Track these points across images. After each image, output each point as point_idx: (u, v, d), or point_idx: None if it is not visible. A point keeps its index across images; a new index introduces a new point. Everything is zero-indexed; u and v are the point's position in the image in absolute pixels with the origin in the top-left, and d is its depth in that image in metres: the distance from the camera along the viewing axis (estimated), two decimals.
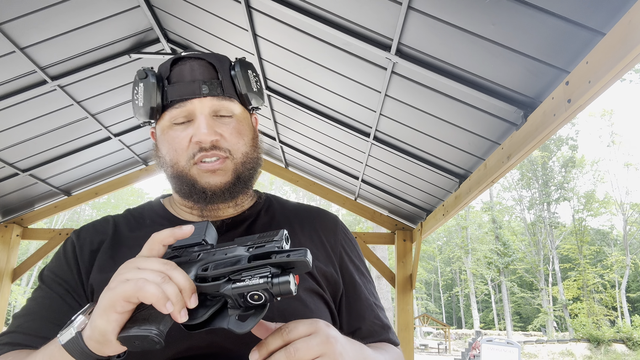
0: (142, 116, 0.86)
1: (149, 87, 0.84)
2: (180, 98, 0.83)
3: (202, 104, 0.83)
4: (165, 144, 0.85)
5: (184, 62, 0.85)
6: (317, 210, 0.99)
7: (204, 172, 0.83)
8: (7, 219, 4.69)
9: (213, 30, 3.02)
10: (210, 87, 0.83)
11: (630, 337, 20.79)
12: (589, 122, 50.35)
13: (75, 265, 0.84)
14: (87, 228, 0.91)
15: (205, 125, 0.81)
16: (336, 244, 0.92)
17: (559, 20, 1.55)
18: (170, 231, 0.62)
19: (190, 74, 0.84)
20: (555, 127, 1.80)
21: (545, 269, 30.61)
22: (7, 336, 0.79)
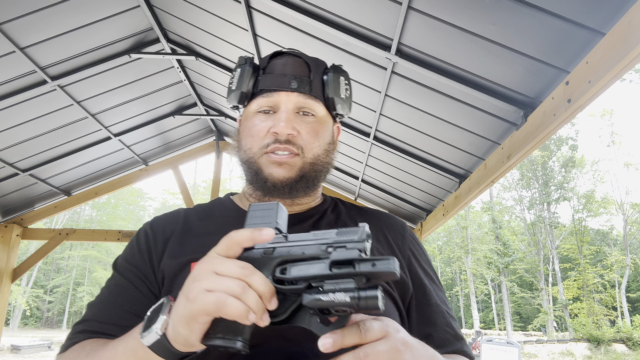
0: (232, 99, 0.90)
1: (245, 73, 0.88)
2: (268, 88, 0.86)
3: (288, 98, 0.85)
4: (246, 129, 0.88)
5: (281, 57, 0.89)
6: (385, 213, 0.98)
7: (270, 163, 0.84)
8: (7, 219, 4.68)
9: (213, 30, 3.02)
10: (299, 84, 0.85)
11: (630, 337, 20.78)
12: (589, 122, 50.37)
13: (147, 253, 0.85)
14: (160, 219, 0.93)
15: (285, 118, 0.83)
16: (404, 247, 0.91)
17: (559, 20, 1.55)
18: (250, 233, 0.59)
19: (284, 68, 0.87)
20: (555, 127, 1.80)
21: (545, 269, 30.61)
22: (82, 324, 0.81)
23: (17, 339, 19.83)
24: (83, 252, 31.02)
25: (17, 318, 27.64)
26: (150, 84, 3.75)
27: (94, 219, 34.26)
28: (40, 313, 31.44)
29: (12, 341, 17.69)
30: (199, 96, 4.30)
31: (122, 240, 5.00)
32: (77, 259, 31.52)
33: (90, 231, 5.08)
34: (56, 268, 32.79)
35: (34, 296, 29.88)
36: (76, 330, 0.81)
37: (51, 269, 32.55)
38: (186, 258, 0.81)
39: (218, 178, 5.22)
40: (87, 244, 31.42)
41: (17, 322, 27.76)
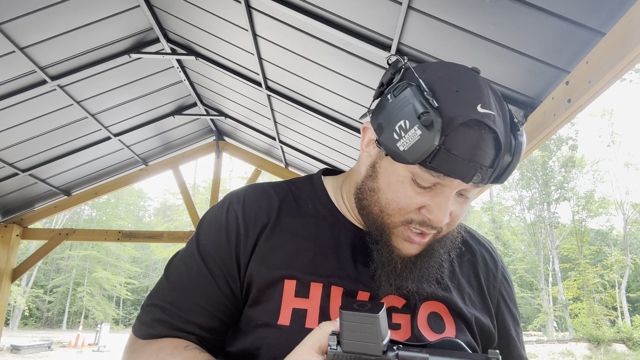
0: (388, 150, 0.68)
1: (425, 144, 0.63)
2: (445, 173, 0.65)
3: (460, 186, 0.68)
4: (393, 190, 0.71)
5: (474, 125, 0.64)
6: (480, 242, 0.89)
7: (405, 241, 0.73)
8: (7, 219, 4.68)
9: (213, 30, 3.02)
10: (482, 177, 0.66)
11: (630, 337, 20.78)
12: (589, 122, 50.38)
13: (235, 247, 0.77)
14: (251, 201, 0.81)
15: (447, 211, 0.69)
16: (495, 290, 0.84)
17: (559, 20, 1.55)
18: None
19: (473, 152, 0.64)
20: (555, 127, 1.80)
21: (545, 269, 30.61)
22: (161, 310, 0.75)
23: (17, 339, 19.84)
24: (83, 252, 31.03)
25: (17, 318, 27.65)
26: (150, 84, 3.75)
27: (94, 219, 34.27)
28: (40, 313, 31.45)
29: (12, 341, 17.69)
30: (198, 96, 4.30)
31: (122, 240, 5.00)
32: (77, 259, 31.53)
33: (90, 231, 5.08)
34: (56, 268, 32.80)
35: (34, 296, 29.89)
36: (155, 316, 0.75)
37: (51, 269, 32.57)
38: (279, 273, 0.74)
39: (218, 178, 5.22)
40: (87, 244, 31.43)
41: (17, 322, 27.77)
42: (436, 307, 0.77)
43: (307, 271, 0.75)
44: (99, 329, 19.18)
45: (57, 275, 32.43)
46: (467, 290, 0.81)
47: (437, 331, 0.74)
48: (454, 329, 0.76)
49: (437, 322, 0.75)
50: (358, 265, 0.77)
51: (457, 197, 0.71)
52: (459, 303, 0.78)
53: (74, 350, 17.89)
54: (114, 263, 31.75)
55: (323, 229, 0.80)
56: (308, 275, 0.74)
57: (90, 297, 29.80)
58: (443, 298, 0.77)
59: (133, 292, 33.46)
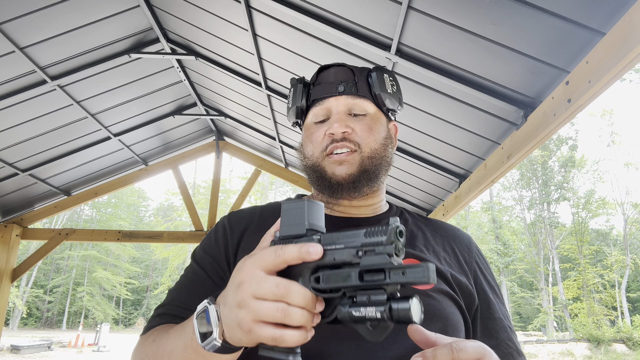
0: (291, 116, 0.97)
1: (297, 90, 0.96)
2: (319, 97, 0.93)
3: (338, 102, 0.91)
4: (307, 139, 0.94)
5: (328, 69, 0.96)
6: (451, 226, 1.02)
7: (332, 163, 0.89)
8: (7, 219, 4.68)
9: (213, 30, 3.02)
10: (346, 87, 0.92)
11: (630, 337, 20.78)
12: (589, 122, 50.37)
13: (224, 244, 0.91)
14: (237, 213, 0.98)
15: (337, 119, 0.90)
16: (471, 259, 0.94)
17: (559, 20, 1.55)
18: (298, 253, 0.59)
19: (330, 77, 0.94)
20: (555, 127, 1.80)
21: (545, 269, 30.61)
22: (162, 308, 0.88)
23: (16, 339, 19.84)
24: (83, 252, 31.02)
25: (16, 318, 27.64)
26: (150, 83, 3.75)
27: (94, 219, 34.27)
28: (40, 313, 31.44)
29: (11, 341, 17.69)
30: (198, 96, 4.30)
31: (122, 240, 5.00)
32: (76, 259, 31.53)
33: (90, 231, 5.08)
34: (56, 268, 32.79)
35: (34, 296, 29.89)
36: (156, 314, 0.88)
37: (51, 269, 32.56)
38: None
39: (218, 178, 5.22)
40: (86, 244, 31.42)
41: (17, 322, 27.76)
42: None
43: None
44: (98, 329, 19.17)
45: (57, 275, 32.43)
46: (443, 255, 0.91)
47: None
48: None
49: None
50: None
51: (355, 117, 0.92)
52: (433, 260, 0.87)
53: (74, 350, 17.89)
54: (114, 263, 31.74)
55: None
56: None
57: (90, 297, 29.80)
58: (418, 257, 0.87)
59: (133, 292, 33.45)
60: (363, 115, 0.92)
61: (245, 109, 4.07)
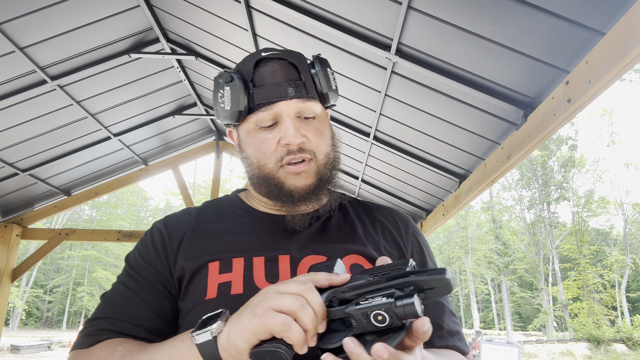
0: (227, 119, 0.87)
1: (237, 90, 0.84)
2: (267, 101, 0.83)
3: (288, 106, 0.84)
4: (252, 146, 0.87)
5: (266, 64, 0.86)
6: (388, 208, 1.01)
7: (290, 175, 0.84)
8: (7, 219, 4.68)
9: (213, 30, 3.02)
10: (296, 89, 0.84)
11: (630, 337, 20.78)
12: (589, 122, 50.38)
13: (164, 252, 0.86)
14: (173, 218, 0.93)
15: (292, 128, 0.82)
16: (408, 242, 0.94)
17: (559, 20, 1.55)
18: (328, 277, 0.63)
19: (275, 76, 0.84)
20: (555, 127, 1.80)
21: (545, 268, 30.61)
22: (104, 321, 0.81)
23: (16, 339, 19.83)
24: (83, 252, 31.02)
25: (17, 318, 27.64)
26: (150, 83, 3.75)
27: (94, 219, 34.26)
28: (40, 313, 31.43)
29: (11, 341, 17.69)
30: (198, 96, 4.30)
31: (122, 240, 5.00)
32: (76, 259, 31.52)
33: (90, 231, 5.08)
34: (56, 268, 32.78)
35: (34, 296, 29.88)
36: (99, 327, 0.80)
37: (51, 269, 32.55)
38: (203, 259, 0.82)
39: (218, 178, 5.22)
40: (86, 244, 31.42)
41: (17, 322, 27.76)
42: (356, 259, 0.84)
43: (228, 252, 0.83)
44: None
45: (57, 275, 32.42)
46: (383, 243, 0.90)
47: None
48: None
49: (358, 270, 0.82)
50: (278, 240, 0.86)
51: (304, 121, 0.86)
52: (374, 253, 0.87)
53: None
54: (114, 263, 31.73)
55: (242, 225, 0.90)
56: (230, 254, 0.82)
57: (90, 297, 29.79)
58: (360, 251, 0.86)
59: None
60: (312, 118, 0.87)
61: None
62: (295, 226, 0.87)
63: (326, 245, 0.86)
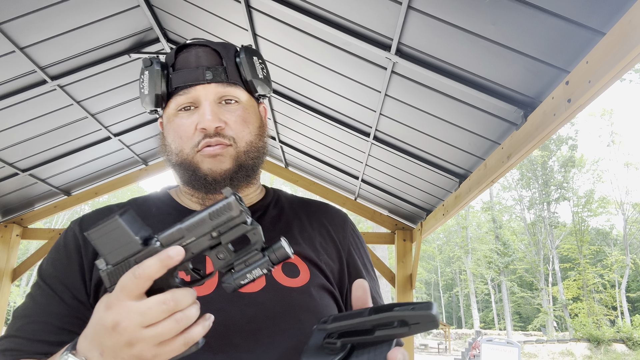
0: (148, 104, 0.86)
1: (154, 74, 0.83)
2: (184, 85, 0.82)
3: (207, 90, 0.82)
4: (171, 131, 0.85)
5: (188, 50, 0.85)
6: (326, 205, 0.99)
7: (205, 158, 0.82)
8: (7, 219, 4.68)
9: (213, 30, 3.02)
10: (215, 73, 0.83)
11: (630, 337, 20.79)
12: (589, 122, 50.37)
13: (77, 258, 0.81)
14: (91, 217, 0.87)
15: (209, 112, 0.81)
16: (345, 240, 0.93)
17: (559, 20, 1.55)
18: (160, 262, 0.55)
19: (195, 61, 0.84)
20: (555, 127, 1.80)
21: (545, 268, 30.61)
22: (8, 340, 0.77)
23: None
24: None
25: None
26: None
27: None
28: None
29: None
30: None
31: None
32: None
33: None
34: None
35: None
36: (3, 347, 0.76)
37: None
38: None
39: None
40: None
41: None
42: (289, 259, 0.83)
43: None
44: None
45: None
46: (318, 240, 0.89)
47: (293, 276, 0.82)
48: (308, 272, 0.83)
49: (292, 269, 0.82)
50: None
51: (225, 106, 0.84)
52: (310, 252, 0.85)
53: None
54: None
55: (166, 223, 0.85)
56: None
57: None
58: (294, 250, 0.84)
59: None
60: (235, 104, 0.85)
61: None
62: None
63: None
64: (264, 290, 0.78)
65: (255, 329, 0.74)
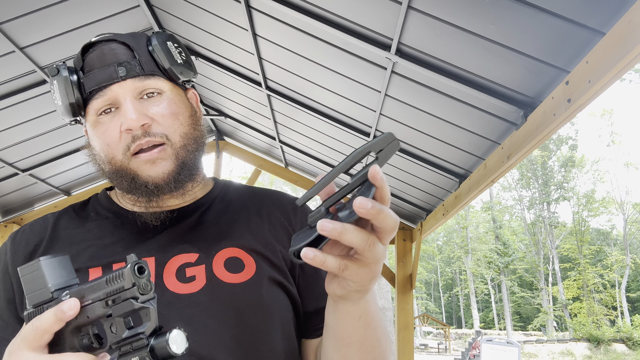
0: (65, 115, 0.79)
1: (63, 82, 0.77)
2: (97, 86, 0.76)
3: (123, 88, 0.76)
4: (96, 139, 0.79)
5: (95, 48, 0.78)
6: (277, 193, 0.95)
7: (143, 164, 0.76)
8: (7, 219, 4.68)
9: (213, 30, 3.02)
10: (128, 68, 0.76)
11: (630, 336, 20.79)
12: (589, 122, 50.39)
13: (5, 274, 0.77)
14: (24, 229, 0.83)
15: (132, 110, 0.74)
16: (297, 223, 0.89)
17: (559, 20, 1.55)
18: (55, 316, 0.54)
19: (103, 60, 0.77)
20: (555, 127, 1.80)
21: (545, 268, 30.62)
22: None
23: None
24: None
25: None
26: None
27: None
28: None
29: None
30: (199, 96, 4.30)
31: None
32: None
33: None
34: None
35: None
36: None
37: None
38: None
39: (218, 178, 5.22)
40: None
41: None
42: (233, 252, 0.79)
43: (85, 261, 0.76)
44: None
45: None
46: (268, 228, 0.84)
47: (237, 271, 0.77)
48: (254, 265, 0.79)
49: (236, 264, 0.78)
50: (146, 241, 0.79)
51: (149, 100, 0.78)
52: (256, 244, 0.80)
53: None
54: None
55: (105, 228, 0.82)
56: (86, 263, 0.75)
57: None
58: (237, 243, 0.80)
59: None
60: (157, 95, 0.78)
61: (245, 108, 4.07)
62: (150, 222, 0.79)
63: (197, 242, 0.79)
64: (203, 289, 0.74)
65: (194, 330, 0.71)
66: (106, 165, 0.79)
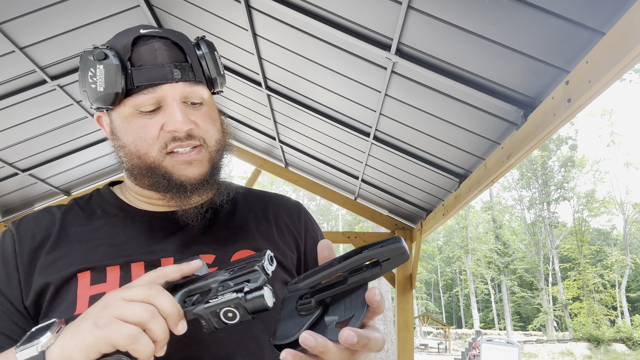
0: (98, 101, 0.77)
1: (112, 70, 0.74)
2: (149, 83, 0.74)
3: (174, 90, 0.75)
4: (131, 132, 0.77)
5: (146, 42, 0.76)
6: (280, 197, 0.97)
7: (179, 164, 0.77)
8: (7, 219, 4.68)
9: (213, 30, 3.02)
10: (182, 72, 0.76)
11: (630, 336, 20.79)
12: (589, 122, 50.41)
13: (13, 264, 0.76)
14: (29, 221, 0.81)
15: (180, 113, 0.75)
16: (301, 228, 0.92)
17: (559, 20, 1.55)
18: (178, 268, 0.59)
19: (158, 56, 0.76)
20: (555, 127, 1.80)
21: (545, 268, 30.62)
22: None
23: None
24: None
25: None
26: None
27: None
28: None
29: None
30: None
31: None
32: None
33: None
34: None
35: None
36: None
37: None
38: (70, 270, 0.73)
39: None
40: None
41: None
42: (247, 254, 0.80)
43: (101, 259, 0.75)
44: None
45: None
46: (275, 232, 0.87)
47: None
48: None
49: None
50: (161, 240, 0.79)
51: (191, 107, 0.78)
52: (266, 246, 0.83)
53: None
54: None
55: (115, 225, 0.82)
56: (103, 261, 0.75)
57: None
58: (250, 245, 0.82)
59: None
60: (200, 104, 0.80)
61: (245, 109, 4.07)
62: (188, 221, 0.81)
63: (213, 243, 0.81)
64: None
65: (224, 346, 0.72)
66: (135, 160, 0.78)
